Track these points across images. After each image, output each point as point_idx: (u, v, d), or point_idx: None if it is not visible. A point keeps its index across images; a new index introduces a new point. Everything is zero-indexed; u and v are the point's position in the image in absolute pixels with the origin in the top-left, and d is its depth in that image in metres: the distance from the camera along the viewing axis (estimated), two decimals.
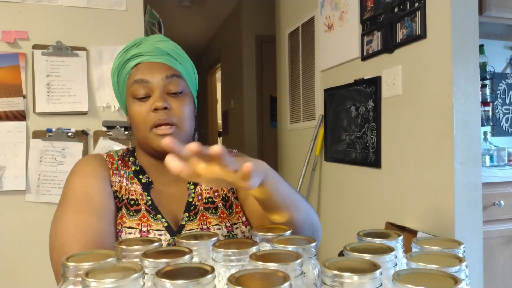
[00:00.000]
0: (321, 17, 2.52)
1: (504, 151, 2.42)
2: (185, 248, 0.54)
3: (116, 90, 0.91)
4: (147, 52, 0.85)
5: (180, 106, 0.84)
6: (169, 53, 0.86)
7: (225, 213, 0.90)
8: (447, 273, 0.37)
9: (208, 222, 0.88)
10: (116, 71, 0.88)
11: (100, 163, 0.89)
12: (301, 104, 2.91)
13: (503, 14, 1.97)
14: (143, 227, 0.83)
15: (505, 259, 1.82)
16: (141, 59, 0.85)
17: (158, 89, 0.83)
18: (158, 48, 0.85)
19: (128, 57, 0.86)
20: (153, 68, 0.84)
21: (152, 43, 0.87)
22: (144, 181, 0.89)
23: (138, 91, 0.83)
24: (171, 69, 0.85)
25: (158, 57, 0.85)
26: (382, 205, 1.95)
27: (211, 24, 5.54)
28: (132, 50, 0.86)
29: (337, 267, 0.40)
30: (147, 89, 0.83)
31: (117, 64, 0.88)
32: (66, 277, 0.46)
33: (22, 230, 1.92)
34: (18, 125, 1.90)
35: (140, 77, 0.83)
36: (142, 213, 0.85)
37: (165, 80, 0.84)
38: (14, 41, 1.91)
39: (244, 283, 0.37)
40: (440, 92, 1.58)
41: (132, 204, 0.86)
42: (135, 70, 0.85)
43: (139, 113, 0.83)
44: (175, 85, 0.84)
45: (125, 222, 0.83)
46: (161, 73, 0.84)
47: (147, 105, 0.83)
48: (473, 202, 1.55)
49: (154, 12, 2.32)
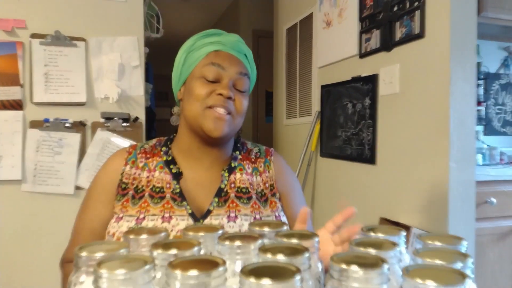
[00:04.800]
0: (319, 14, 2.53)
1: (496, 150, 2.46)
2: (193, 240, 0.55)
3: (179, 66, 0.93)
4: (229, 45, 0.91)
5: (242, 101, 0.90)
6: (246, 55, 0.94)
7: (257, 204, 0.92)
8: (455, 269, 0.38)
9: (238, 210, 0.89)
10: (188, 50, 0.92)
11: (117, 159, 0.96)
12: (298, 100, 2.92)
13: (499, 15, 1.99)
14: (166, 213, 0.85)
15: (495, 256, 1.86)
16: (222, 47, 0.90)
17: (229, 79, 0.88)
18: (239, 45, 0.92)
19: (211, 41, 0.91)
20: (232, 60, 0.90)
21: (233, 39, 0.93)
22: (174, 171, 0.91)
23: (211, 73, 0.88)
24: (245, 68, 0.92)
25: (237, 53, 0.92)
26: (377, 201, 1.97)
27: (209, 17, 5.51)
28: (214, 37, 0.92)
29: (344, 261, 0.41)
30: (219, 75, 0.88)
31: (193, 43, 0.92)
32: (78, 267, 0.47)
33: (18, 220, 1.92)
34: (15, 114, 1.89)
35: (218, 62, 0.88)
36: (166, 200, 0.87)
37: (237, 75, 0.90)
38: (12, 30, 1.89)
39: (256, 275, 0.38)
40: (437, 91, 1.60)
41: (157, 191, 0.88)
42: (215, 54, 0.90)
43: (202, 91, 0.87)
44: (242, 83, 0.91)
45: (149, 210, 0.86)
46: (237, 67, 0.90)
47: (212, 87, 0.87)
48: (467, 200, 1.58)
49: (153, 4, 2.30)
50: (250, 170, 0.96)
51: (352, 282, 0.39)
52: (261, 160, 1.00)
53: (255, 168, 0.97)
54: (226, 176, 0.93)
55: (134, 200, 0.88)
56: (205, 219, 0.86)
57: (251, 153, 1.01)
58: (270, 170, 0.98)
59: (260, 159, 1.00)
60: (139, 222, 0.84)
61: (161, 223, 0.83)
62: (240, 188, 0.92)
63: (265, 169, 0.98)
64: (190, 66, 0.91)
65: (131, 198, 0.88)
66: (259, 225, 0.65)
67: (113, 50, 2.02)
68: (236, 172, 0.94)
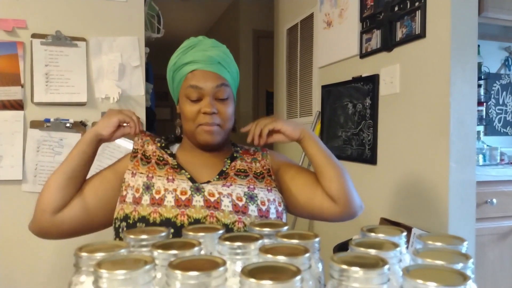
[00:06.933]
0: (320, 14, 2.52)
1: (496, 151, 2.46)
2: (194, 240, 0.55)
3: (171, 84, 1.08)
4: (202, 61, 1.01)
5: (225, 110, 1.02)
6: (220, 61, 1.02)
7: (253, 179, 1.04)
8: (455, 269, 0.38)
9: (233, 181, 1.01)
10: (173, 69, 1.05)
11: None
12: (298, 100, 2.92)
13: (499, 15, 1.99)
14: (169, 176, 0.99)
15: (495, 256, 1.86)
16: (196, 66, 1.01)
17: (208, 95, 1.00)
18: (211, 57, 1.01)
19: (185, 62, 1.02)
20: (207, 76, 1.01)
21: (205, 49, 1.02)
22: (169, 152, 1.06)
23: (192, 95, 1.00)
24: (220, 78, 1.02)
25: (211, 66, 1.01)
26: (377, 201, 1.97)
27: (209, 18, 5.51)
28: (188, 55, 1.02)
29: (344, 262, 0.41)
30: (200, 93, 1.00)
31: (174, 63, 1.04)
32: (78, 267, 0.47)
33: (18, 220, 1.91)
34: (15, 114, 1.89)
35: (195, 84, 1.00)
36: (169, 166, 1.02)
37: (215, 89, 1.00)
38: (12, 30, 1.90)
39: (257, 276, 0.38)
40: (438, 91, 1.60)
41: (161, 160, 1.04)
42: (191, 76, 1.01)
43: (190, 112, 1.01)
44: (222, 93, 1.02)
45: (156, 172, 1.00)
46: (213, 82, 1.00)
47: (198, 106, 1.01)
48: (467, 200, 1.57)
49: (153, 4, 2.30)
50: (249, 160, 1.10)
51: (352, 282, 0.39)
52: (259, 153, 1.14)
53: (254, 158, 1.11)
54: (229, 162, 1.06)
55: (143, 162, 1.03)
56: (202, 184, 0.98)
57: (249, 149, 1.16)
58: (267, 159, 1.12)
59: (258, 152, 1.14)
60: (149, 179, 0.98)
61: (167, 182, 0.97)
62: (240, 170, 1.05)
63: (263, 158, 1.12)
64: (177, 86, 1.06)
65: (140, 160, 1.03)
66: (259, 225, 0.65)
67: (113, 50, 2.02)
68: (237, 160, 1.08)
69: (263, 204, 0.97)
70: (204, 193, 0.95)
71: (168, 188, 0.95)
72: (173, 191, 0.94)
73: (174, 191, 0.94)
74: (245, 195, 0.97)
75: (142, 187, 0.96)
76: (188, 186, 0.96)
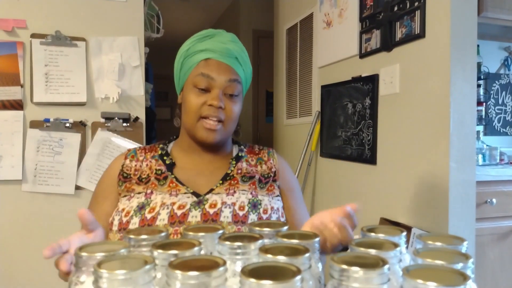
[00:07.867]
0: (320, 14, 2.53)
1: (496, 151, 2.46)
2: (194, 240, 0.55)
3: (178, 71, 1.00)
4: (218, 51, 0.94)
5: (232, 107, 0.95)
6: (237, 57, 0.96)
7: (255, 184, 0.98)
8: (455, 269, 0.38)
9: (236, 187, 0.95)
10: (185, 55, 0.97)
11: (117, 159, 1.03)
12: (298, 100, 2.92)
13: (499, 15, 1.99)
14: (172, 191, 0.92)
15: (495, 256, 1.86)
16: (211, 55, 0.94)
17: (219, 88, 0.93)
18: (228, 49, 0.95)
19: (200, 49, 0.94)
20: (221, 68, 0.94)
21: (223, 41, 0.95)
22: (168, 162, 0.99)
23: (201, 83, 0.93)
24: (234, 73, 0.95)
25: (227, 58, 0.94)
26: (377, 201, 1.97)
27: (209, 17, 5.51)
28: (205, 43, 0.95)
29: (345, 262, 0.41)
30: (209, 84, 0.93)
31: (186, 49, 0.97)
32: (78, 267, 0.47)
33: (18, 219, 1.92)
34: (15, 114, 1.89)
35: (207, 72, 0.93)
36: (171, 179, 0.95)
37: (227, 82, 0.94)
38: (12, 30, 1.90)
39: (257, 275, 0.38)
40: (438, 91, 1.60)
41: (160, 174, 0.96)
42: (204, 63, 0.94)
43: (195, 102, 0.93)
44: (233, 89, 0.95)
45: (156, 188, 0.93)
46: (226, 75, 0.94)
47: (204, 97, 0.93)
48: (467, 200, 1.58)
49: (153, 4, 2.30)
50: (254, 162, 1.04)
51: (352, 282, 0.39)
52: (264, 151, 1.08)
53: (259, 158, 1.06)
54: (234, 163, 1.01)
55: (140, 182, 0.95)
56: (206, 195, 0.92)
57: (254, 148, 1.10)
58: (273, 159, 1.06)
59: (263, 151, 1.09)
60: (148, 196, 0.91)
61: (169, 197, 0.90)
62: (245, 173, 1.00)
63: (269, 157, 1.06)
64: (186, 73, 0.97)
65: (135, 182, 0.95)
66: (259, 225, 0.65)
67: (113, 50, 2.02)
68: (242, 161, 1.02)
69: (265, 212, 0.93)
70: (205, 206, 0.90)
71: (166, 202, 0.89)
72: (171, 204, 0.89)
73: (172, 205, 0.89)
74: (249, 203, 0.93)
75: (134, 209, 0.89)
76: (190, 200, 0.91)
